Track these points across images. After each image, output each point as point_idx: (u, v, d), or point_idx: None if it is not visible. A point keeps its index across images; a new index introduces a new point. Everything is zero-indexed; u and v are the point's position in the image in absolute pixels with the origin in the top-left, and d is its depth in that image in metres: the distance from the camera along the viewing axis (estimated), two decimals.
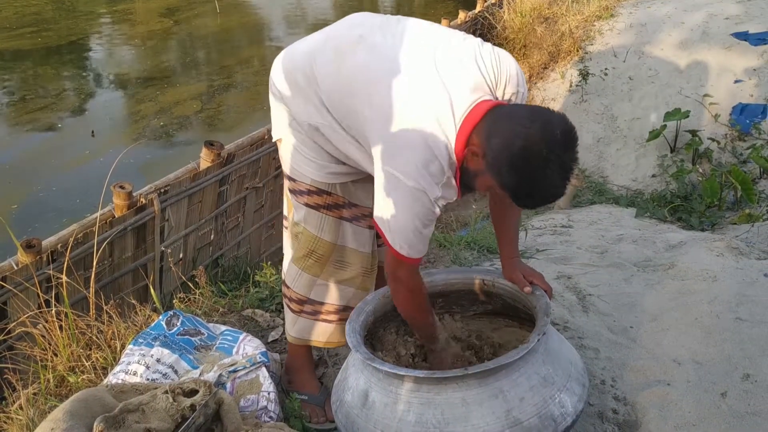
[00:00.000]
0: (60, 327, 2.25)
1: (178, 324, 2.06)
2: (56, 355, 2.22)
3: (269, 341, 2.36)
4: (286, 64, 1.78)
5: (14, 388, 2.16)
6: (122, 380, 1.83)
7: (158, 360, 1.89)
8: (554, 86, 6.62)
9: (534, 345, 1.54)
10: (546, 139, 1.42)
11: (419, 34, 1.64)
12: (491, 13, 7.64)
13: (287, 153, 1.84)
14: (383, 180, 1.57)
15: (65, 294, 2.47)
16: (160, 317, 2.09)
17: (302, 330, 1.98)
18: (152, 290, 2.84)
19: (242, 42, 11.56)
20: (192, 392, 1.63)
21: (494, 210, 1.89)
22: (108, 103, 8.75)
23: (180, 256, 3.88)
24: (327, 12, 13.03)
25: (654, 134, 5.33)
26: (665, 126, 5.29)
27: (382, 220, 1.60)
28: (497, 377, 1.51)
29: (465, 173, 1.56)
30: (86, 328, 2.29)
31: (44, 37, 11.03)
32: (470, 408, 1.49)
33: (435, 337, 1.80)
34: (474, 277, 1.93)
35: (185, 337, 2.02)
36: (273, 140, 1.90)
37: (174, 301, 2.61)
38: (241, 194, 4.20)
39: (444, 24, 5.65)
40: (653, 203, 4.68)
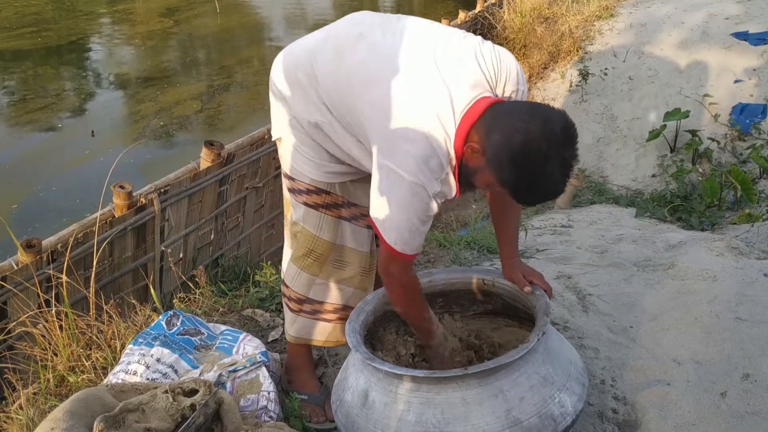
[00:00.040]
0: (60, 327, 2.25)
1: (178, 324, 2.06)
2: (56, 355, 2.22)
3: (269, 341, 2.36)
4: (287, 63, 1.78)
5: (14, 388, 2.16)
6: (122, 380, 1.83)
7: (158, 360, 1.89)
8: (554, 86, 6.62)
9: (534, 345, 1.54)
10: (546, 136, 1.42)
11: (419, 33, 1.64)
12: (491, 13, 7.65)
13: (287, 152, 1.84)
14: (381, 174, 1.56)
15: (65, 294, 2.47)
16: (160, 317, 2.09)
17: (301, 329, 1.98)
18: (152, 290, 2.84)
19: (242, 42, 11.56)
20: (192, 392, 1.63)
21: (494, 210, 1.89)
22: (108, 103, 8.75)
23: (180, 256, 3.88)
24: (327, 12, 13.03)
25: (654, 134, 5.33)
26: (665, 126, 5.29)
27: (378, 215, 1.59)
28: (497, 377, 1.51)
29: (464, 170, 1.55)
30: (86, 328, 2.29)
31: (44, 37, 11.03)
32: (470, 408, 1.49)
33: (432, 333, 1.79)
34: (474, 277, 1.93)
35: (185, 337, 2.02)
36: (273, 139, 1.90)
37: (174, 301, 2.61)
38: (241, 194, 4.20)
39: (444, 24, 5.65)
40: (653, 203, 4.67)
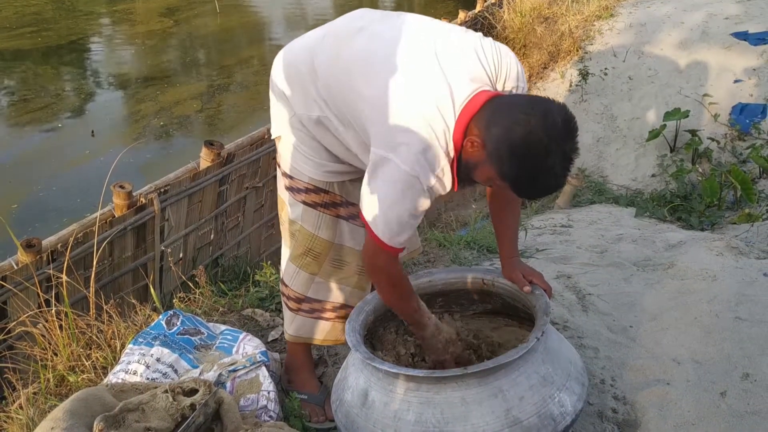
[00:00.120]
0: (60, 326, 2.25)
1: (178, 323, 2.06)
2: (56, 355, 2.22)
3: (269, 341, 2.36)
4: (286, 61, 1.79)
5: (14, 388, 2.16)
6: (122, 379, 1.83)
7: (158, 359, 1.89)
8: (554, 86, 6.62)
9: (533, 344, 1.54)
10: (547, 129, 1.41)
11: (420, 27, 1.64)
12: (491, 13, 7.65)
13: (286, 151, 1.84)
14: (376, 164, 1.53)
15: (65, 293, 2.47)
16: (160, 317, 2.09)
17: (300, 328, 1.98)
18: (152, 290, 2.84)
19: (242, 42, 11.56)
20: (192, 391, 1.63)
21: (494, 209, 1.89)
22: (108, 103, 8.75)
23: (180, 256, 3.89)
24: (327, 12, 13.04)
25: (654, 134, 5.33)
26: (665, 126, 5.29)
27: (368, 205, 1.56)
28: (497, 376, 1.51)
29: (464, 165, 1.54)
30: (86, 328, 2.29)
31: (44, 37, 11.04)
32: (470, 407, 1.49)
33: (423, 324, 1.75)
34: (474, 277, 1.93)
35: (185, 337, 2.02)
36: (272, 138, 1.90)
37: (174, 301, 2.61)
38: (241, 194, 4.20)
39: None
40: (653, 203, 4.67)
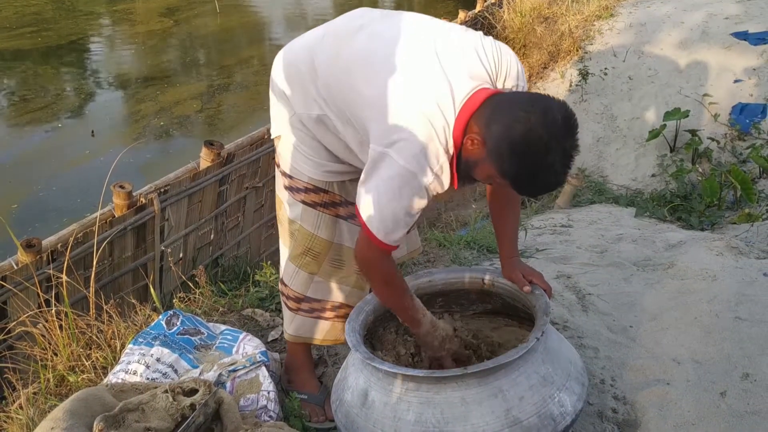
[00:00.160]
0: (60, 326, 2.25)
1: (178, 323, 2.06)
2: (56, 355, 2.22)
3: (269, 341, 2.36)
4: (286, 60, 1.79)
5: (14, 388, 2.16)
6: (122, 379, 1.83)
7: (158, 359, 1.89)
8: (554, 86, 6.61)
9: (533, 344, 1.54)
10: (547, 126, 1.41)
11: (420, 26, 1.64)
12: (491, 13, 7.65)
13: (286, 151, 1.84)
14: (375, 160, 1.53)
15: (65, 293, 2.47)
16: (160, 317, 2.09)
17: (299, 328, 1.98)
18: (152, 290, 2.84)
19: (242, 42, 11.56)
20: (192, 391, 1.63)
21: (494, 209, 1.89)
22: (108, 103, 8.76)
23: (180, 256, 3.89)
24: (327, 12, 13.04)
25: (653, 134, 5.32)
26: (665, 125, 5.29)
27: (365, 200, 1.55)
28: (497, 376, 1.51)
29: (464, 163, 1.54)
30: (86, 328, 2.29)
31: (44, 37, 11.04)
32: (469, 407, 1.49)
33: (417, 321, 1.73)
34: (474, 277, 1.93)
35: (185, 337, 2.02)
36: (272, 137, 1.90)
37: (174, 301, 2.61)
38: (241, 194, 4.20)
39: None
40: (653, 203, 4.67)
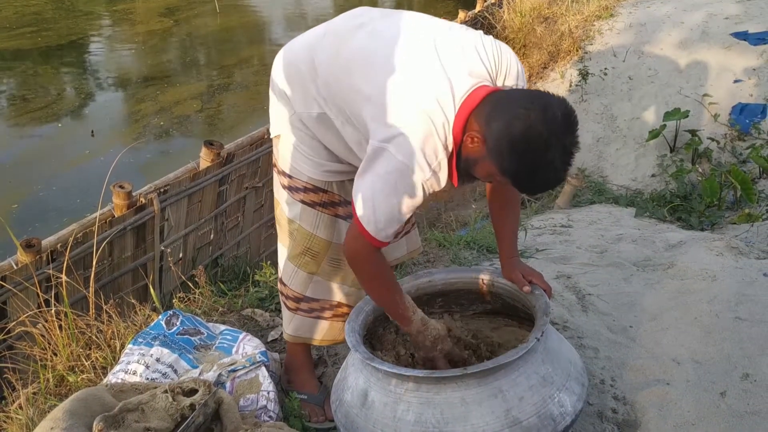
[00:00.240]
0: (59, 326, 2.25)
1: (178, 323, 2.06)
2: (56, 355, 2.22)
3: (269, 341, 2.36)
4: (287, 59, 1.79)
5: (14, 388, 2.16)
6: (122, 380, 1.83)
7: (158, 359, 1.89)
8: (554, 86, 6.61)
9: (533, 344, 1.54)
10: (547, 123, 1.41)
11: (419, 24, 1.64)
12: (491, 13, 7.65)
13: (285, 150, 1.84)
14: (373, 155, 1.52)
15: (65, 293, 2.47)
16: (160, 317, 2.09)
17: (298, 328, 1.98)
18: (152, 290, 2.85)
19: (242, 42, 11.56)
20: (191, 391, 1.63)
21: (493, 209, 1.89)
22: (108, 103, 8.76)
23: (180, 256, 3.89)
24: (327, 12, 13.04)
25: (653, 134, 5.32)
26: (665, 126, 5.29)
27: (359, 194, 1.55)
28: (496, 377, 1.51)
29: (464, 161, 1.54)
30: (86, 328, 2.29)
31: (44, 37, 11.04)
32: (469, 407, 1.49)
33: (407, 319, 1.70)
34: (473, 277, 1.93)
35: (185, 337, 2.02)
36: (271, 137, 1.90)
37: (173, 301, 2.61)
38: (241, 194, 4.20)
39: None
40: (653, 203, 4.66)
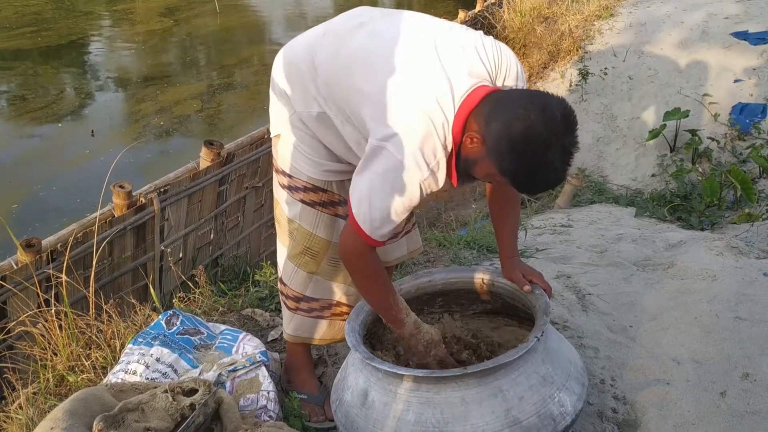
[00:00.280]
0: (59, 326, 2.25)
1: (178, 323, 2.06)
2: (56, 355, 2.22)
3: (269, 340, 2.36)
4: (287, 58, 1.79)
5: (14, 388, 2.16)
6: (122, 379, 1.83)
7: (158, 359, 1.89)
8: (554, 86, 6.61)
9: (533, 344, 1.54)
10: (546, 123, 1.41)
11: (420, 24, 1.64)
12: (491, 13, 7.65)
13: (285, 150, 1.84)
14: (372, 154, 1.52)
15: (65, 293, 2.47)
16: (160, 316, 2.09)
17: (298, 328, 1.98)
18: (152, 290, 2.84)
19: (242, 42, 11.56)
20: (191, 391, 1.63)
21: (493, 209, 1.89)
22: (108, 103, 8.76)
23: (180, 256, 3.89)
24: (327, 12, 13.04)
25: (653, 134, 5.32)
26: (665, 125, 5.29)
27: (356, 192, 1.55)
28: (496, 376, 1.51)
29: (464, 161, 1.54)
30: (86, 328, 2.29)
31: (44, 37, 11.04)
32: (469, 407, 1.49)
33: (400, 321, 1.69)
34: (473, 276, 1.93)
35: (185, 337, 2.02)
36: (271, 136, 1.90)
37: (173, 301, 2.61)
38: (241, 194, 4.20)
39: None
40: (653, 203, 4.67)
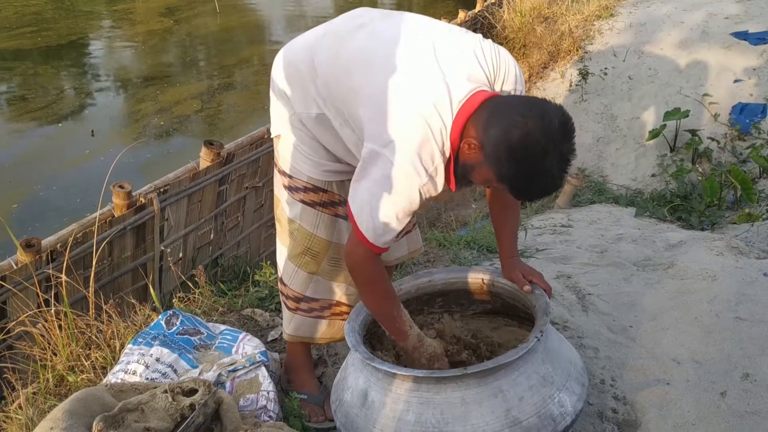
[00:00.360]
0: (59, 326, 2.25)
1: (178, 323, 2.06)
2: (55, 355, 2.22)
3: (269, 341, 2.36)
4: (286, 59, 1.79)
5: (14, 388, 2.16)
6: (121, 379, 1.83)
7: (158, 359, 1.89)
8: (554, 86, 6.62)
9: (533, 344, 1.54)
10: (544, 131, 1.41)
11: (419, 26, 1.64)
12: (491, 13, 7.65)
13: (285, 150, 1.84)
14: (369, 159, 1.52)
15: (65, 293, 2.46)
16: (160, 317, 2.09)
17: (298, 328, 1.98)
18: (152, 290, 2.84)
19: (242, 42, 11.56)
20: (191, 391, 1.63)
21: (493, 209, 1.89)
22: (108, 103, 8.75)
23: (179, 256, 3.88)
24: (327, 12, 13.04)
25: (654, 134, 5.33)
26: (665, 125, 5.29)
27: (355, 200, 1.55)
28: (496, 377, 1.51)
29: (461, 165, 1.54)
30: (85, 328, 2.29)
31: (44, 37, 11.03)
32: (469, 407, 1.49)
33: (404, 334, 1.70)
34: (473, 277, 1.93)
35: (185, 337, 2.02)
36: (271, 136, 1.90)
37: (173, 301, 2.61)
38: (241, 194, 4.20)
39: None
40: (653, 203, 4.67)
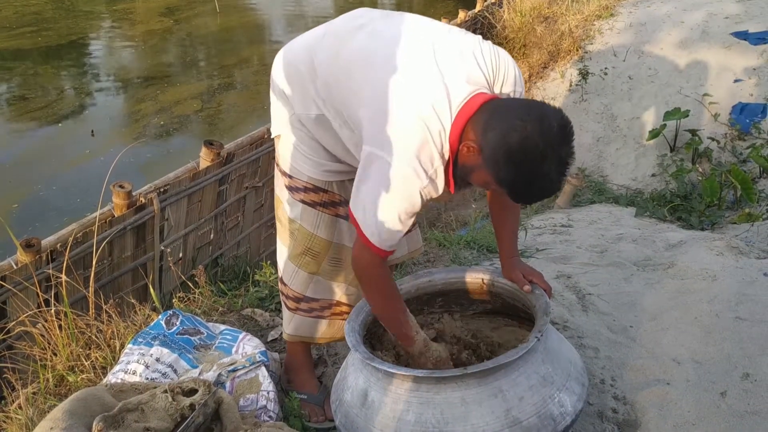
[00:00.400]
0: (59, 326, 2.25)
1: (178, 323, 2.06)
2: (55, 355, 2.22)
3: (269, 340, 2.36)
4: (286, 59, 1.79)
5: (13, 388, 2.16)
6: (121, 379, 1.83)
7: (158, 359, 1.89)
8: (554, 86, 6.62)
9: (533, 344, 1.54)
10: (543, 134, 1.41)
11: (419, 27, 1.64)
12: (491, 13, 7.65)
13: (286, 150, 1.84)
14: (369, 162, 1.53)
15: (65, 293, 2.46)
16: (160, 316, 2.09)
17: (298, 328, 1.98)
18: (152, 290, 2.84)
19: (242, 42, 11.56)
20: (191, 391, 1.63)
21: (494, 209, 1.89)
22: (108, 103, 8.75)
23: (179, 256, 3.88)
24: (327, 12, 13.04)
25: (654, 133, 5.33)
26: (665, 125, 5.29)
27: (358, 203, 1.55)
28: (496, 377, 1.51)
29: (460, 168, 1.54)
30: (85, 328, 2.29)
31: (44, 37, 11.04)
32: (469, 407, 1.49)
33: (410, 338, 1.70)
34: (473, 276, 1.93)
35: (185, 337, 2.02)
36: (272, 136, 1.90)
37: (173, 301, 2.61)
38: (241, 194, 4.20)
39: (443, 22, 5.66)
40: (653, 202, 4.67)
